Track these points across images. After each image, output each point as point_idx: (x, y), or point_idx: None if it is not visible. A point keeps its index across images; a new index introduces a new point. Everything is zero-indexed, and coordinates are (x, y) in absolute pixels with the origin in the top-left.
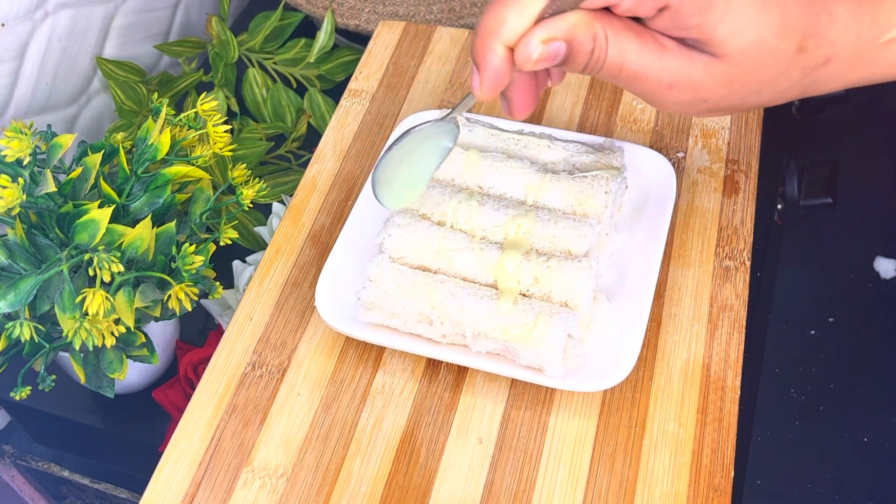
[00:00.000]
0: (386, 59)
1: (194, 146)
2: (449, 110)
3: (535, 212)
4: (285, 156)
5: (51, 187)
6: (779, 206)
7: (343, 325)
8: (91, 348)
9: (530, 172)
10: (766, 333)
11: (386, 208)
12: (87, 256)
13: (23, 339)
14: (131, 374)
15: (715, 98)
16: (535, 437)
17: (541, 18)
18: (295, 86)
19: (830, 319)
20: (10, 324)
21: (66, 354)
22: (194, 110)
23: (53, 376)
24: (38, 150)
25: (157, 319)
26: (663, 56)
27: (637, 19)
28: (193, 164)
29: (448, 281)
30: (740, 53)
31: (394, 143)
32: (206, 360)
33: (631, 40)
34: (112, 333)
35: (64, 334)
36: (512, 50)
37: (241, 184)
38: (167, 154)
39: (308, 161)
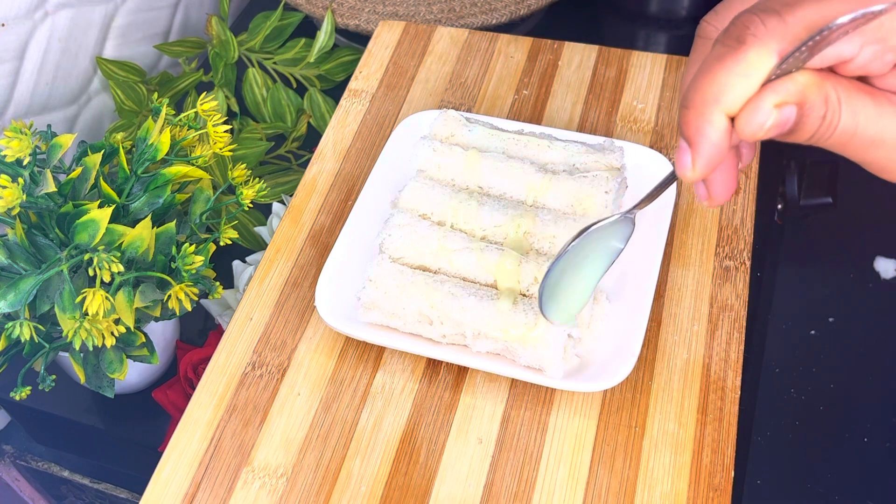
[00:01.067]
0: (386, 59)
1: (194, 146)
2: (633, 205)
3: (536, 212)
4: (285, 156)
5: (51, 187)
6: (779, 206)
7: (343, 325)
8: (91, 348)
9: (530, 172)
10: (766, 333)
11: (551, 322)
12: (87, 256)
13: (23, 339)
14: (131, 374)
15: None
16: (535, 437)
17: (766, 81)
18: (295, 86)
19: (830, 319)
20: (10, 324)
21: (66, 354)
22: (194, 110)
23: (53, 376)
24: (38, 150)
25: (157, 319)
26: None
27: (861, 78)
28: (193, 164)
29: (448, 281)
30: None
31: (565, 249)
32: (206, 360)
33: (865, 101)
34: (112, 333)
35: (64, 334)
36: (731, 121)
37: (241, 184)
38: (167, 154)
39: (308, 161)
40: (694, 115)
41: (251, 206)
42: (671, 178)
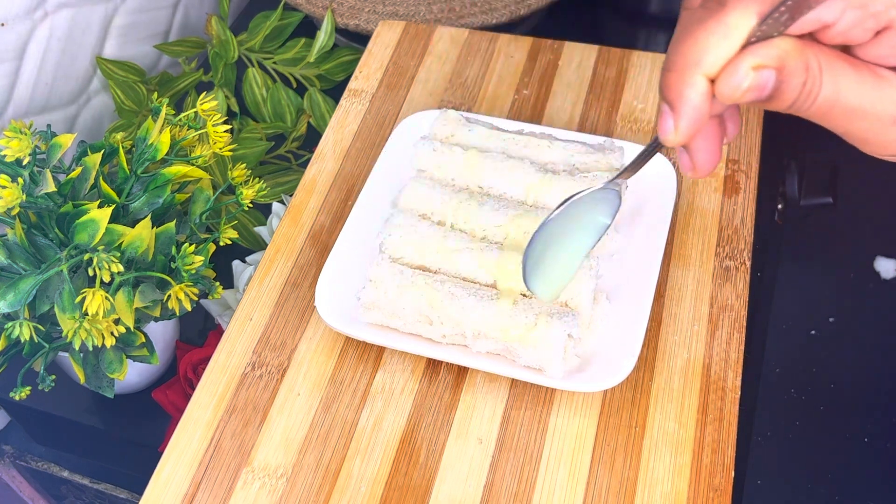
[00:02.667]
0: (386, 58)
1: (194, 146)
2: (616, 173)
3: (536, 212)
4: (285, 156)
5: (50, 187)
6: (779, 206)
7: (343, 326)
8: (91, 348)
9: (530, 172)
10: (766, 333)
11: (536, 296)
12: (86, 256)
13: (23, 339)
14: (131, 374)
15: None
16: (535, 437)
17: (746, 44)
18: (295, 86)
19: (830, 319)
20: (10, 324)
21: (66, 354)
22: (194, 110)
23: (53, 376)
24: (37, 150)
25: (156, 319)
26: (883, 86)
27: (844, 49)
28: (193, 164)
29: (448, 281)
30: None
31: (548, 218)
32: (206, 360)
33: (846, 71)
34: (112, 333)
35: (64, 334)
36: (712, 83)
37: (241, 184)
38: (167, 154)
39: (308, 161)
40: (675, 77)
41: (251, 206)
42: (655, 144)
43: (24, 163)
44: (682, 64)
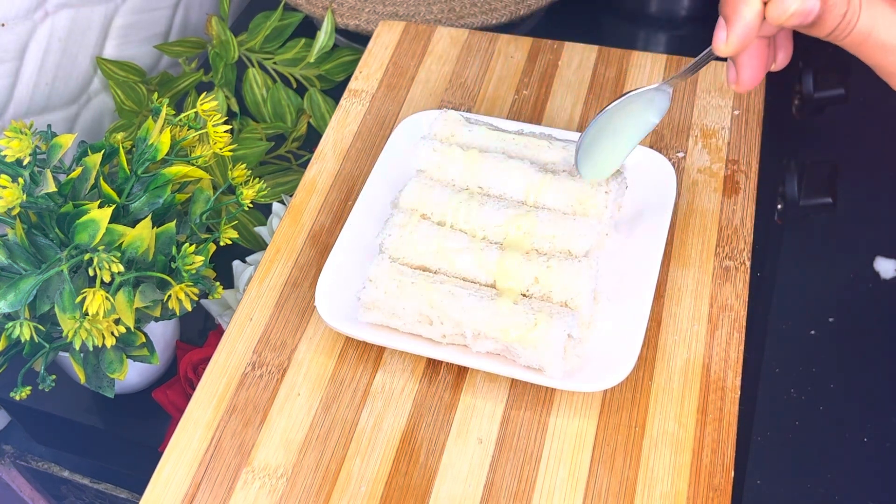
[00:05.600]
0: (386, 59)
1: (194, 146)
2: (672, 76)
3: (535, 212)
4: (285, 156)
5: (51, 187)
6: (779, 206)
7: (343, 325)
8: (91, 348)
9: (530, 172)
10: (766, 333)
11: (584, 178)
12: (87, 256)
13: (23, 339)
14: (131, 374)
15: None
16: (535, 437)
17: None
18: (295, 86)
19: (830, 319)
20: (10, 324)
21: (66, 354)
22: (194, 110)
23: (53, 376)
24: (38, 150)
25: (157, 319)
26: None
27: None
28: (193, 164)
29: (448, 281)
30: None
31: (606, 108)
32: (206, 360)
33: (884, 9)
34: (112, 333)
35: (64, 334)
36: (764, 5)
37: (241, 184)
38: (167, 154)
39: (308, 161)
40: None
41: (251, 206)
42: (708, 54)
43: (25, 163)
44: None
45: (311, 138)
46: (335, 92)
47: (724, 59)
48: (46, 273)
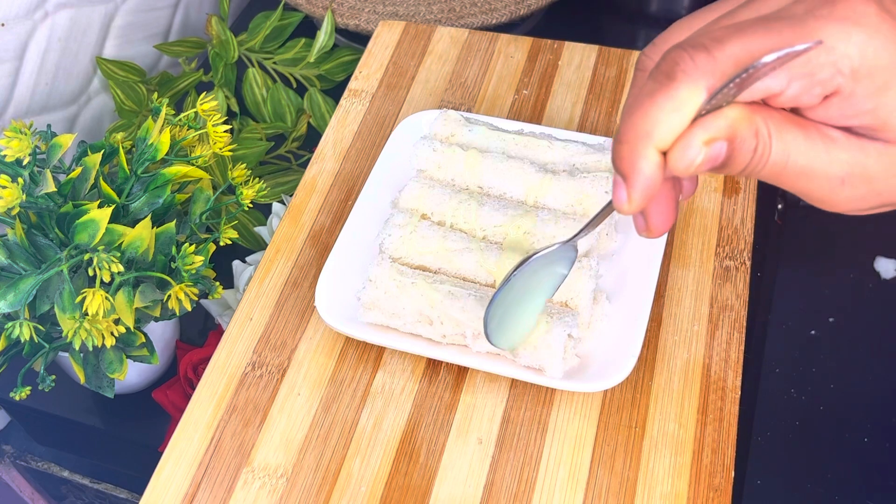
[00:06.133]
0: (386, 59)
1: (194, 146)
2: (575, 233)
3: (536, 212)
4: (285, 156)
5: (51, 187)
6: (779, 206)
7: (343, 325)
8: (91, 348)
9: (530, 172)
10: (766, 333)
11: (496, 347)
12: (86, 256)
13: (23, 339)
14: (131, 374)
15: (890, 189)
16: (535, 437)
17: (697, 116)
18: (295, 86)
19: (830, 319)
20: (10, 324)
21: (66, 354)
22: (194, 110)
23: (53, 376)
24: (37, 150)
25: (157, 319)
26: (831, 148)
27: (793, 110)
28: (193, 164)
29: (448, 281)
30: None
31: (507, 278)
32: (206, 360)
33: (795, 133)
34: (112, 333)
35: (64, 334)
36: (664, 155)
37: (241, 184)
38: (167, 154)
39: (308, 161)
40: (627, 150)
41: (251, 206)
42: (609, 207)
43: (25, 163)
44: (633, 136)
45: (311, 138)
46: (335, 92)
47: None
48: (46, 273)
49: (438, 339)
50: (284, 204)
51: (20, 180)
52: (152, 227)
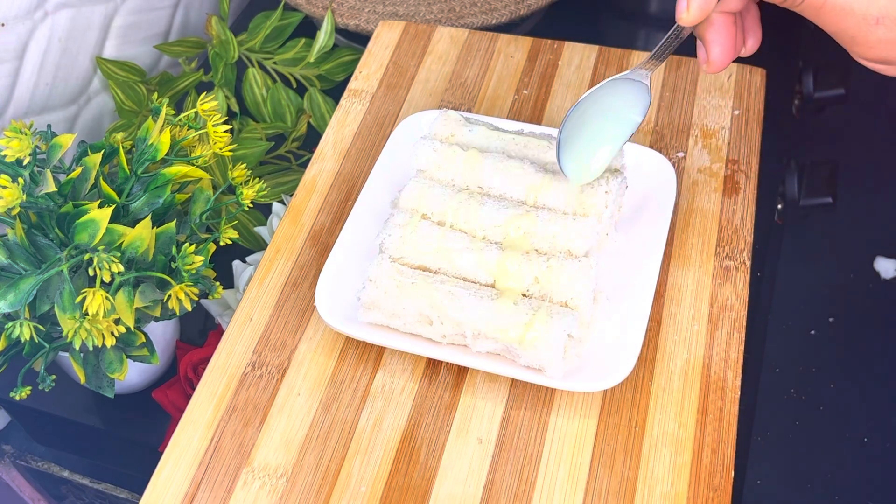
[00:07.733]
0: (386, 59)
1: (194, 146)
2: (643, 61)
3: (536, 212)
4: (285, 156)
5: (51, 187)
6: (779, 206)
7: (343, 325)
8: (91, 348)
9: (530, 172)
10: (766, 333)
11: (569, 179)
12: (87, 256)
13: (23, 339)
14: (131, 374)
15: None
16: (535, 437)
17: None
18: (295, 86)
19: (830, 319)
20: (10, 324)
21: (66, 354)
22: (194, 110)
23: (53, 376)
24: (38, 150)
25: (157, 319)
26: None
27: None
28: (193, 164)
29: (448, 281)
30: None
31: (579, 101)
32: (206, 360)
33: None
34: (112, 333)
35: (64, 334)
36: None
37: (241, 184)
38: (167, 154)
39: (308, 161)
40: None
41: (251, 206)
42: (675, 32)
43: (25, 163)
44: None
45: (311, 138)
46: (335, 92)
47: (694, 50)
48: (46, 273)
49: (438, 339)
50: (284, 204)
51: (20, 180)
52: (152, 227)
